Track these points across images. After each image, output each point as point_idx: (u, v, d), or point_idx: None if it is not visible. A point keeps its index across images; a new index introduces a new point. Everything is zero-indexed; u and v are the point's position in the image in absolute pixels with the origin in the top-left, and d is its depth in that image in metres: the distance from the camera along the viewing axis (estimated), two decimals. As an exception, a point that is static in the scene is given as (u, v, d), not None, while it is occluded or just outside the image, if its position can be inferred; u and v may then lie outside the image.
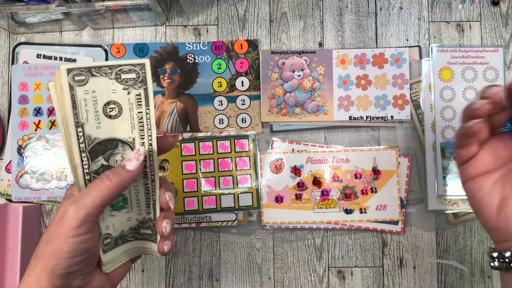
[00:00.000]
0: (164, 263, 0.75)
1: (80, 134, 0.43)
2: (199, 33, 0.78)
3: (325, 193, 0.74)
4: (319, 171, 0.74)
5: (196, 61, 0.77)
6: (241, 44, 0.77)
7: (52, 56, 0.76)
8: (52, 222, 0.44)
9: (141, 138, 0.47)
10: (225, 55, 0.77)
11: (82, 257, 0.44)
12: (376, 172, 0.74)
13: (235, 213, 0.74)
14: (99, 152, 0.45)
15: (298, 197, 0.74)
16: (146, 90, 0.45)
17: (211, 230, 0.75)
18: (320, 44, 0.77)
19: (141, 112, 0.46)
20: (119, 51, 0.77)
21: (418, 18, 0.78)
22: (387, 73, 0.75)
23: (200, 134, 0.75)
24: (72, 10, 0.69)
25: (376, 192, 0.74)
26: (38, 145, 0.76)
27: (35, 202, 0.76)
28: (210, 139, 0.74)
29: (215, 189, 0.74)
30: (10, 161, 0.76)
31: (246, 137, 0.75)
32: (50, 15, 0.74)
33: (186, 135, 0.75)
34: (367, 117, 0.75)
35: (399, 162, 0.74)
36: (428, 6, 0.78)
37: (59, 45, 0.77)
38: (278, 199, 0.74)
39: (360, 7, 0.78)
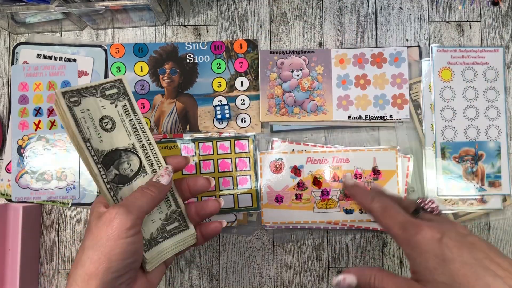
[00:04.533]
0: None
1: (90, 148, 0.48)
2: (199, 33, 0.78)
3: (325, 193, 0.74)
4: (319, 171, 0.74)
5: (196, 61, 0.77)
6: (241, 44, 0.77)
7: (52, 56, 0.77)
8: (94, 228, 0.45)
9: (139, 141, 0.52)
10: (225, 55, 0.77)
11: (131, 259, 0.45)
12: (376, 172, 0.74)
13: (234, 214, 0.74)
14: (109, 163, 0.49)
15: (298, 197, 0.74)
16: (129, 100, 0.51)
17: (210, 230, 0.75)
18: (320, 44, 0.77)
19: (132, 119, 0.51)
20: (118, 51, 0.77)
21: (418, 18, 0.78)
22: (386, 73, 0.75)
23: (200, 135, 0.75)
24: (72, 10, 0.69)
25: (376, 192, 0.74)
26: (38, 145, 0.76)
27: (35, 202, 0.76)
28: (210, 139, 0.74)
29: (215, 190, 0.74)
30: (10, 161, 0.76)
31: (246, 138, 0.75)
32: (50, 15, 0.74)
33: (186, 135, 0.75)
34: (366, 116, 0.75)
35: (399, 162, 0.74)
36: (428, 6, 0.78)
37: (59, 45, 0.77)
38: (278, 199, 0.74)
39: (360, 7, 0.78)
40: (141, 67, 0.77)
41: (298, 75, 0.76)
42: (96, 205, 0.49)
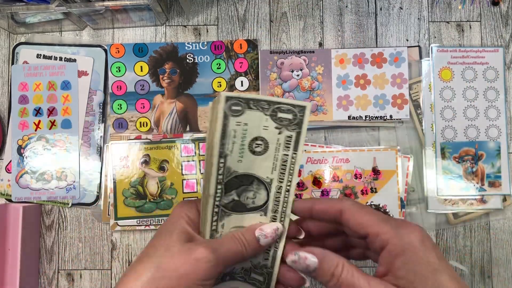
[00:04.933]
0: (164, 263, 0.75)
1: (222, 164, 0.42)
2: (199, 33, 0.78)
3: (325, 193, 0.74)
4: (319, 171, 0.74)
5: (196, 61, 0.77)
6: (241, 44, 0.77)
7: (52, 56, 0.77)
8: (177, 252, 0.40)
9: (280, 181, 0.44)
10: (225, 55, 0.77)
11: None
12: (376, 172, 0.74)
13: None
14: (234, 186, 0.43)
15: (298, 197, 0.74)
16: (299, 134, 0.43)
17: (210, 230, 0.75)
18: (320, 44, 0.77)
19: (287, 154, 0.43)
20: (118, 51, 0.77)
21: (418, 18, 0.78)
22: (386, 73, 0.75)
23: (200, 135, 0.75)
24: (72, 10, 0.69)
25: (376, 192, 0.74)
26: (38, 145, 0.76)
27: (35, 202, 0.76)
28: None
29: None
30: (10, 161, 0.76)
31: (246, 137, 0.74)
32: (50, 15, 0.74)
33: (186, 135, 0.75)
34: (366, 116, 0.75)
35: (399, 162, 0.74)
36: (428, 6, 0.78)
37: (59, 45, 0.77)
38: (278, 199, 0.74)
39: (360, 7, 0.78)
40: (141, 67, 0.77)
41: (298, 75, 0.76)
42: (183, 214, 0.43)
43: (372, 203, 0.43)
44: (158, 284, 0.38)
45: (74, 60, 0.77)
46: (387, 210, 0.45)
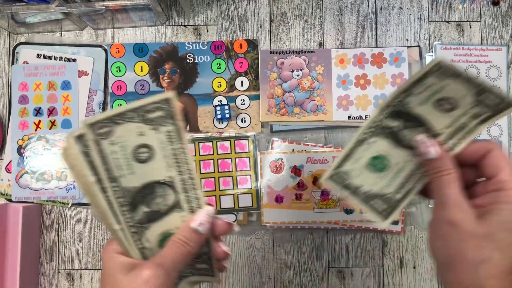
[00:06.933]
0: (164, 263, 0.75)
1: (117, 188, 0.40)
2: (199, 33, 0.78)
3: (325, 193, 0.74)
4: (319, 171, 0.74)
5: (196, 61, 0.77)
6: (241, 44, 0.77)
7: (52, 56, 0.77)
8: (126, 284, 0.40)
9: (180, 174, 0.43)
10: (225, 55, 0.77)
11: None
12: (376, 172, 0.74)
13: (234, 214, 0.74)
14: (138, 201, 0.42)
15: (298, 197, 0.74)
16: (176, 125, 0.41)
17: (210, 230, 0.75)
18: (320, 44, 0.77)
19: (175, 148, 0.42)
20: (118, 51, 0.77)
21: (418, 18, 0.78)
22: (386, 73, 0.75)
23: (200, 135, 0.75)
24: (72, 10, 0.69)
25: (376, 192, 0.74)
26: (38, 145, 0.76)
27: (35, 202, 0.76)
28: (210, 139, 0.74)
29: (215, 190, 0.74)
30: (10, 161, 0.76)
31: (246, 138, 0.75)
32: (50, 15, 0.74)
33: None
34: (366, 116, 0.75)
35: (399, 162, 0.74)
36: (428, 6, 0.78)
37: (59, 45, 0.77)
38: (278, 199, 0.74)
39: (360, 7, 0.78)
40: (141, 67, 0.77)
41: (298, 75, 0.76)
42: (111, 254, 0.43)
43: None
44: None
45: (74, 60, 0.77)
46: None
